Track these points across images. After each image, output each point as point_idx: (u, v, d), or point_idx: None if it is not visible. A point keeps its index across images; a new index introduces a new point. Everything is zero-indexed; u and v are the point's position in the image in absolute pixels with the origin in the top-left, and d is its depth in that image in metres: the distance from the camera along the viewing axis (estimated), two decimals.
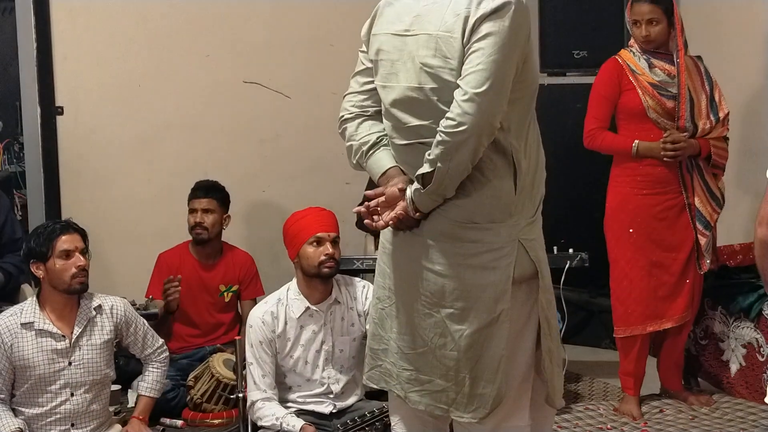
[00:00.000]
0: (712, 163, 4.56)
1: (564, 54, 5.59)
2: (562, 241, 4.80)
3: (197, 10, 5.55)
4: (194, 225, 4.95)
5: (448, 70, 2.74)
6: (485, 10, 2.68)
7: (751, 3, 5.28)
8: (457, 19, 2.72)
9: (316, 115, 5.55)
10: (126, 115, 5.49)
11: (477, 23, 2.69)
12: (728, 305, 4.80)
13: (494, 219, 2.82)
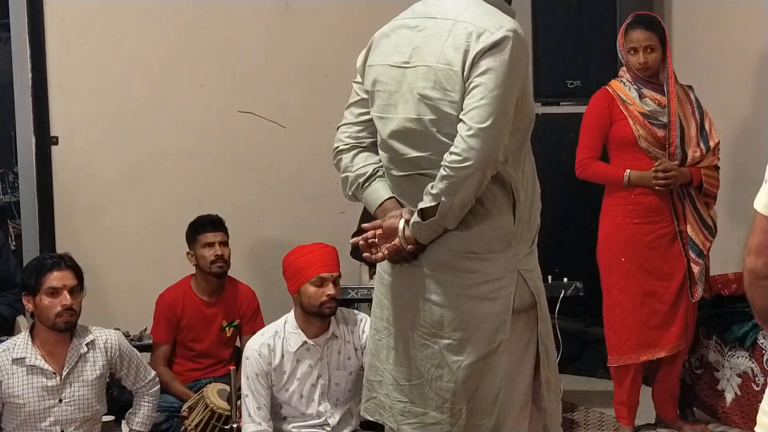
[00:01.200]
0: (703, 192, 4.58)
1: (558, 84, 5.62)
2: (557, 270, 4.80)
3: (192, 41, 5.58)
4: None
5: (448, 102, 2.75)
6: (485, 44, 2.70)
7: (741, 33, 5.31)
8: (457, 53, 2.73)
9: (311, 145, 5.56)
10: (121, 145, 5.50)
11: (477, 57, 2.70)
12: (723, 334, 4.80)
13: (493, 249, 2.82)
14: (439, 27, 2.80)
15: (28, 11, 5.28)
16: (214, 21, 5.61)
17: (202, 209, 5.16)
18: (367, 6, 5.57)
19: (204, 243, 4.89)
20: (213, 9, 5.60)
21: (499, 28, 2.72)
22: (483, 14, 2.77)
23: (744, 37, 5.28)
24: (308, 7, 5.76)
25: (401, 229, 2.82)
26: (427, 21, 2.84)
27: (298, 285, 4.07)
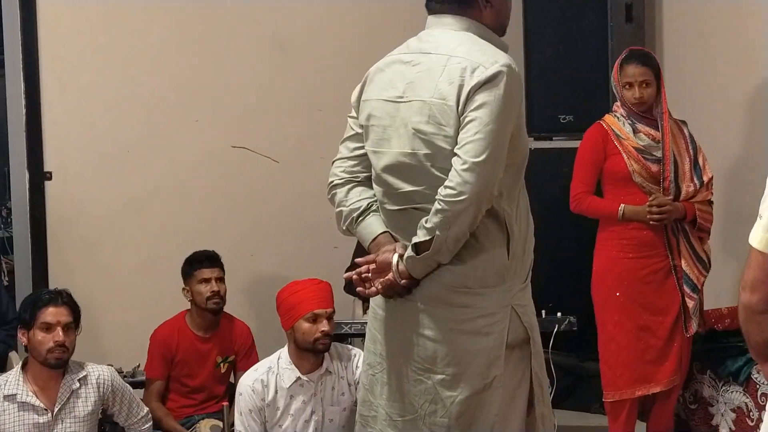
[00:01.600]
0: (697, 227, 4.59)
1: (550, 118, 5.64)
2: (550, 304, 4.80)
3: (185, 76, 5.59)
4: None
5: (442, 137, 2.77)
6: (479, 79, 2.72)
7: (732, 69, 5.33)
8: (452, 87, 2.75)
9: (305, 180, 5.57)
10: (114, 180, 5.49)
11: (472, 92, 2.72)
12: (717, 369, 4.79)
13: (487, 284, 2.82)
14: (434, 62, 2.82)
15: (22, 47, 5.29)
16: (208, 57, 5.62)
17: (196, 245, 5.15)
18: (360, 42, 5.60)
19: (200, 279, 4.88)
20: (206, 45, 5.61)
21: (493, 63, 2.74)
22: (477, 49, 2.79)
23: (736, 73, 5.31)
24: (301, 43, 5.78)
25: (395, 264, 2.82)
26: (422, 56, 2.86)
27: (291, 321, 4.06)
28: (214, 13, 5.62)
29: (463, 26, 2.86)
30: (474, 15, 2.88)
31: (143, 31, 5.50)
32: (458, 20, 2.87)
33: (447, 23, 2.88)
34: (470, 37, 2.84)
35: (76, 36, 5.43)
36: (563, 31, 5.59)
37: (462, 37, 2.84)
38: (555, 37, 5.61)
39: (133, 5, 5.48)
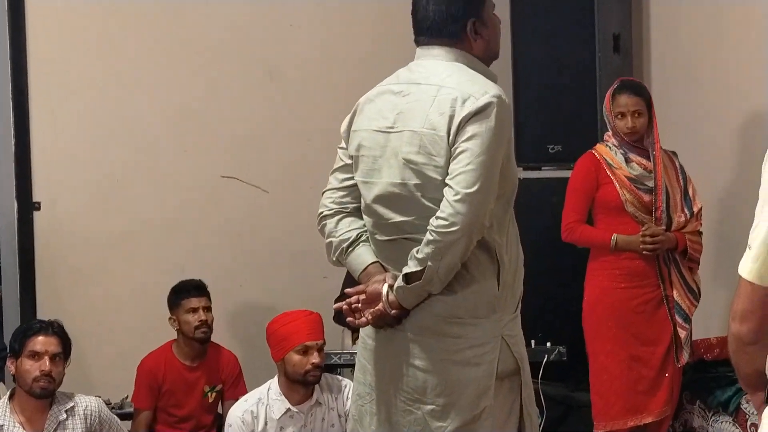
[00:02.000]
0: (688, 257, 4.60)
1: (539, 148, 5.64)
2: (540, 334, 4.79)
3: (175, 105, 5.59)
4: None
5: (433, 167, 2.77)
6: (470, 110, 2.73)
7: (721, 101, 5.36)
8: (442, 118, 2.76)
9: (294, 210, 5.56)
10: (103, 210, 5.48)
11: (463, 123, 2.73)
12: (706, 399, 4.79)
13: (478, 314, 2.82)
14: (424, 92, 2.82)
15: (11, 75, 5.29)
16: (197, 86, 5.63)
17: (185, 274, 5.15)
18: (351, 72, 5.61)
19: (188, 308, 4.87)
20: (196, 74, 5.62)
21: (483, 93, 2.75)
22: (467, 80, 2.80)
23: (724, 104, 5.34)
24: (291, 72, 5.79)
25: (385, 294, 2.82)
26: (412, 86, 2.87)
27: (282, 353, 4.05)
28: (204, 42, 5.63)
29: (452, 57, 2.87)
30: (463, 47, 2.89)
31: (133, 61, 5.51)
32: (447, 51, 2.88)
33: (436, 54, 2.89)
34: (460, 67, 2.85)
35: (65, 65, 5.44)
36: (552, 61, 5.61)
37: (452, 67, 2.85)
38: (543, 67, 5.63)
39: (123, 34, 5.50)
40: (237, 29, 5.70)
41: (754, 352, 2.06)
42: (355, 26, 5.88)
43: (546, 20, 5.61)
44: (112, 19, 5.49)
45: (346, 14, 5.86)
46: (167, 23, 5.58)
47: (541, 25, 5.62)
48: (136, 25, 5.52)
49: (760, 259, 1.98)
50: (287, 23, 5.79)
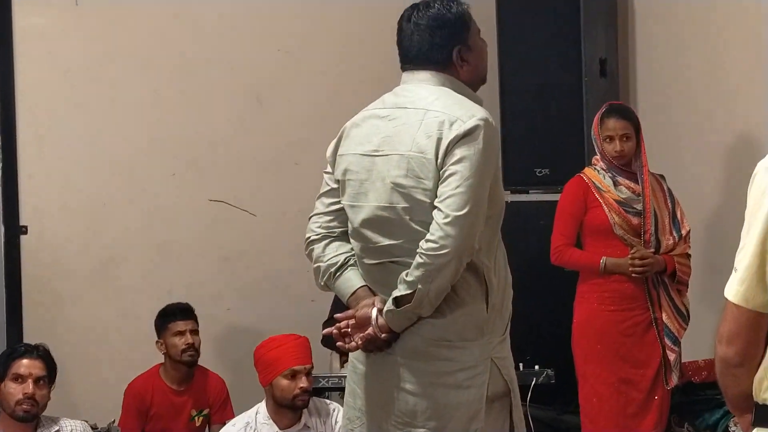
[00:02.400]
0: (677, 280, 4.61)
1: (527, 172, 5.66)
2: (528, 357, 4.79)
3: (162, 130, 5.59)
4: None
5: (421, 190, 2.78)
6: (458, 133, 2.73)
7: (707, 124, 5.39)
8: (430, 141, 2.76)
9: (282, 233, 5.56)
10: (90, 234, 5.47)
11: (451, 146, 2.74)
12: (695, 422, 4.79)
13: (467, 337, 2.82)
14: (411, 116, 2.83)
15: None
16: (185, 110, 5.63)
17: (172, 298, 5.14)
18: (336, 95, 5.63)
19: (174, 331, 4.86)
20: (183, 98, 5.63)
21: (471, 116, 2.76)
22: (454, 103, 2.81)
23: (710, 127, 5.36)
24: (279, 96, 5.80)
25: (374, 318, 2.81)
26: (398, 111, 2.87)
27: (270, 378, 4.04)
28: (192, 66, 5.64)
29: (438, 81, 2.88)
30: (450, 72, 2.90)
31: (120, 85, 5.52)
32: (433, 75, 2.89)
33: (422, 78, 2.90)
34: (446, 91, 2.86)
35: (53, 90, 5.44)
36: (538, 85, 5.63)
37: (438, 91, 2.86)
38: (530, 92, 5.66)
39: (111, 60, 5.50)
40: (225, 54, 5.71)
41: (741, 374, 2.06)
42: (342, 50, 5.90)
43: (533, 45, 5.64)
44: (99, 45, 5.50)
45: (334, 39, 5.89)
46: (155, 48, 5.59)
47: (528, 49, 5.65)
48: (124, 50, 5.53)
49: (746, 281, 1.99)
50: (275, 48, 5.80)
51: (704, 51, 5.42)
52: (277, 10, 5.80)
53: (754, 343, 2.03)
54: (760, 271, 1.97)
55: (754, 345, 2.03)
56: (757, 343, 2.03)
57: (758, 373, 2.04)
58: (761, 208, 1.97)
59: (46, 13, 5.44)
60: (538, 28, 5.63)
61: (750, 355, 2.04)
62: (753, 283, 1.98)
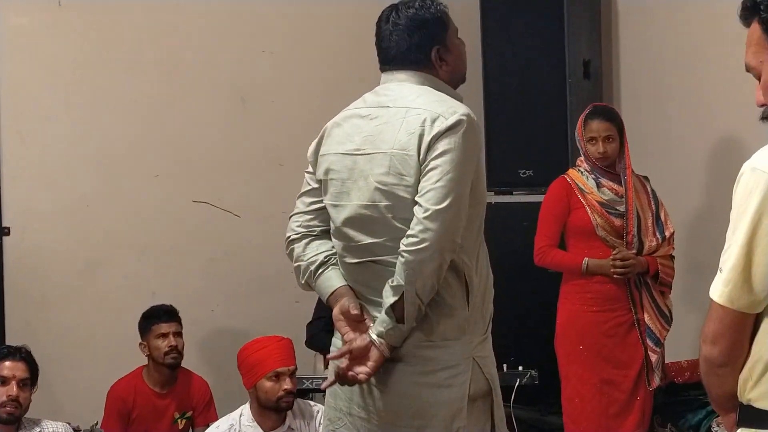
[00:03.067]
0: (659, 281, 4.62)
1: (510, 173, 5.67)
2: (512, 358, 4.80)
3: (146, 130, 5.58)
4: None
5: (404, 187, 2.78)
6: (440, 128, 2.74)
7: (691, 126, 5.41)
8: (412, 138, 2.77)
9: (266, 234, 5.55)
10: (74, 235, 5.45)
11: (433, 141, 2.74)
12: (677, 422, 4.81)
13: (448, 337, 2.82)
14: (392, 115, 2.83)
15: None
16: (168, 110, 5.62)
17: (156, 300, 5.13)
18: (321, 96, 5.62)
19: (158, 333, 4.84)
20: (167, 98, 5.61)
21: (453, 113, 2.76)
22: (435, 100, 2.82)
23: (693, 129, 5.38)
24: (263, 98, 5.80)
25: (378, 344, 2.78)
26: (379, 110, 2.88)
27: (254, 380, 4.04)
28: (176, 67, 5.63)
29: (418, 80, 2.89)
30: (430, 72, 2.91)
31: (104, 86, 5.50)
32: (413, 75, 2.90)
33: (402, 78, 2.90)
34: (427, 89, 2.87)
35: (36, 90, 5.42)
36: (522, 87, 5.65)
37: (419, 90, 2.86)
38: (514, 93, 5.67)
39: (94, 59, 5.48)
40: (209, 54, 5.70)
41: (725, 374, 2.07)
42: (327, 51, 5.90)
43: (517, 46, 5.65)
44: (83, 45, 5.48)
45: (318, 40, 5.89)
46: (139, 49, 5.57)
47: (512, 50, 5.66)
48: (108, 50, 5.51)
49: (732, 282, 2.00)
50: (259, 49, 5.80)
51: (686, 53, 5.44)
52: (262, 11, 5.80)
53: (738, 343, 2.04)
54: (746, 272, 1.98)
55: (739, 345, 2.04)
56: (741, 343, 2.04)
57: (743, 373, 2.05)
58: (747, 208, 1.97)
59: (29, 14, 5.41)
60: (522, 29, 5.65)
61: (734, 356, 2.05)
62: (738, 284, 1.99)
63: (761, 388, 2.02)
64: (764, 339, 2.02)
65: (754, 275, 1.97)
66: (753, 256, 1.97)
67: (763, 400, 2.02)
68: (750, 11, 2.11)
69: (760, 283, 1.97)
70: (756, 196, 1.96)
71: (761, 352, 2.02)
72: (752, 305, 2.00)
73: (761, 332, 2.02)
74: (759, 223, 1.95)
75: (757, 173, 1.97)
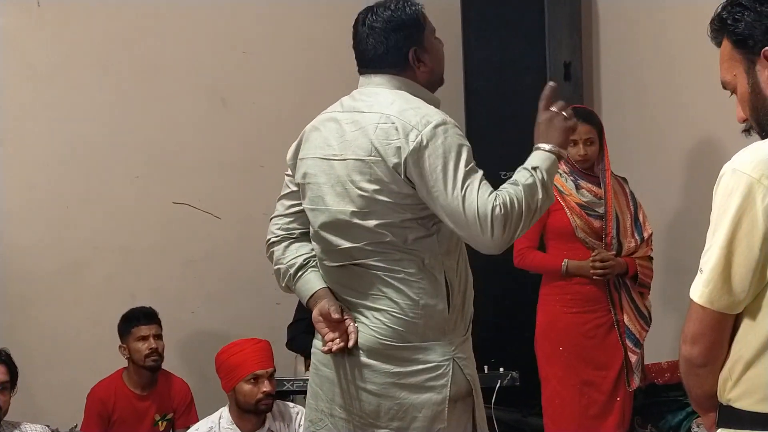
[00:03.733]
0: (638, 282, 4.64)
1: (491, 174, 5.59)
2: (493, 360, 4.80)
3: (126, 132, 5.56)
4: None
5: (379, 193, 2.78)
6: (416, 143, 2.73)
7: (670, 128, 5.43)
8: (386, 146, 2.76)
9: (247, 236, 5.54)
10: (54, 237, 5.43)
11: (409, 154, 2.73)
12: (658, 423, 4.82)
13: (428, 338, 2.83)
14: (367, 120, 2.83)
15: None
16: (148, 112, 5.60)
17: (136, 302, 5.11)
18: (301, 98, 5.61)
19: (138, 336, 4.83)
20: (148, 100, 5.60)
21: (426, 124, 2.76)
22: (409, 108, 2.81)
23: (673, 131, 5.40)
24: (244, 99, 5.79)
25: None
26: (355, 114, 2.88)
27: (232, 383, 4.03)
28: (155, 67, 5.61)
29: (395, 85, 2.89)
30: (407, 75, 2.91)
31: (84, 87, 5.48)
32: (389, 79, 2.90)
33: (379, 82, 2.91)
34: (402, 95, 2.87)
35: (14, 91, 5.39)
36: (503, 88, 5.66)
37: (394, 95, 2.86)
38: (495, 95, 5.68)
39: (73, 61, 5.46)
40: (189, 55, 5.69)
41: (705, 374, 2.08)
42: (307, 52, 5.89)
43: (497, 48, 5.66)
44: (62, 46, 5.46)
45: (299, 41, 5.88)
46: (119, 49, 5.55)
47: (493, 52, 5.67)
48: (88, 51, 5.49)
49: (712, 283, 2.00)
50: (240, 50, 5.79)
51: (666, 55, 5.46)
52: (241, 12, 5.79)
53: (718, 343, 2.05)
54: (726, 273, 1.99)
55: (718, 346, 2.05)
56: (721, 343, 2.05)
57: (723, 373, 2.06)
58: (728, 209, 1.98)
59: (7, 14, 5.39)
60: (503, 31, 5.66)
61: (714, 356, 2.06)
62: (718, 284, 2.00)
63: (741, 388, 2.03)
64: (744, 339, 2.03)
65: (734, 276, 1.98)
66: (733, 257, 1.97)
67: (742, 400, 2.03)
68: (718, 30, 2.14)
69: (740, 284, 1.98)
70: (736, 197, 1.96)
71: (741, 352, 2.03)
72: (732, 306, 2.01)
73: (741, 332, 2.03)
74: (739, 225, 1.96)
75: (738, 174, 1.97)
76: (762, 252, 1.95)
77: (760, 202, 1.94)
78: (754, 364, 2.01)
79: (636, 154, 5.51)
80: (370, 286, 2.85)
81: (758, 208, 1.94)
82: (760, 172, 1.95)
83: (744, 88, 2.11)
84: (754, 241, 1.95)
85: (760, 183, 1.94)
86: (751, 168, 1.96)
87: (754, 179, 1.95)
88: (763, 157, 1.97)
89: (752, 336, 2.02)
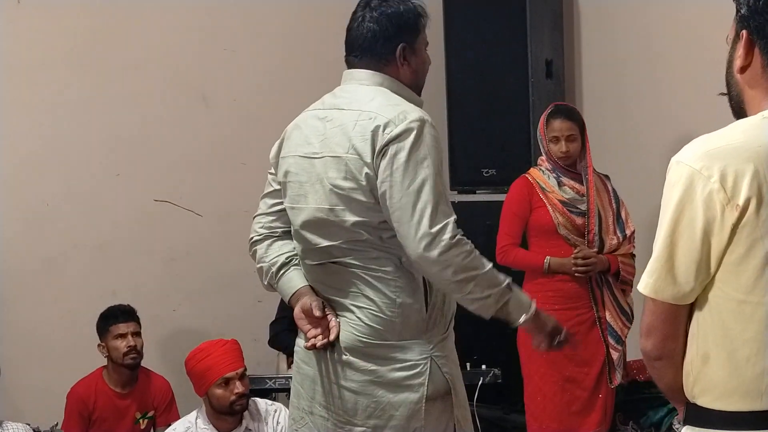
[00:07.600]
0: (620, 279, 4.65)
1: (473, 172, 5.68)
2: (475, 357, 4.80)
3: (107, 129, 5.53)
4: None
5: (358, 191, 2.78)
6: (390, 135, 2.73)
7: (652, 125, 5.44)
8: (364, 143, 2.76)
9: (228, 234, 5.53)
10: (34, 234, 5.39)
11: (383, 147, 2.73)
12: (639, 420, 4.84)
13: (405, 337, 2.83)
14: (346, 118, 2.83)
15: None
16: (130, 109, 5.58)
17: (116, 299, 5.08)
18: (283, 95, 5.60)
19: (116, 334, 4.81)
20: (128, 97, 5.57)
21: (403, 119, 2.75)
22: (388, 104, 2.80)
23: (654, 128, 5.42)
24: (225, 97, 5.78)
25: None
26: (335, 112, 2.87)
27: (204, 388, 4.03)
28: (136, 64, 5.58)
29: (376, 81, 2.89)
30: (389, 71, 2.90)
31: (63, 84, 5.44)
32: (371, 75, 2.89)
33: (360, 78, 2.90)
34: (383, 91, 2.86)
35: None
36: (485, 86, 5.66)
37: (374, 92, 2.86)
38: (477, 93, 5.68)
39: (53, 58, 5.42)
40: (170, 53, 5.67)
41: (661, 367, 2.07)
42: (289, 50, 5.88)
43: (479, 45, 5.66)
44: (42, 44, 5.42)
45: (280, 39, 5.87)
46: (99, 47, 5.52)
47: (475, 50, 5.67)
48: (67, 49, 5.46)
49: (656, 273, 2.00)
50: (221, 48, 5.77)
51: (647, 53, 5.47)
52: (222, 9, 5.77)
53: (671, 336, 2.03)
54: (668, 264, 1.98)
55: (672, 338, 2.03)
56: (674, 336, 2.03)
57: (684, 369, 2.04)
58: (670, 201, 1.99)
59: None
60: (484, 29, 5.66)
61: (668, 348, 2.04)
62: (662, 275, 1.99)
63: (701, 385, 2.01)
64: (699, 334, 2.01)
65: (677, 267, 1.97)
66: (675, 248, 1.97)
67: (704, 397, 2.01)
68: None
69: (683, 274, 1.97)
70: (678, 188, 1.97)
71: (699, 346, 2.01)
72: (678, 297, 1.99)
73: (697, 326, 2.01)
74: (681, 215, 1.96)
75: (681, 166, 1.98)
76: (703, 242, 1.95)
77: (700, 193, 1.94)
78: (710, 359, 1.99)
79: (617, 151, 5.52)
80: (348, 285, 2.85)
81: (698, 198, 1.94)
82: (701, 163, 1.94)
83: (728, 56, 2.09)
84: (695, 231, 1.95)
85: (700, 174, 1.94)
86: (693, 159, 1.96)
87: (695, 170, 1.95)
88: (707, 149, 1.97)
89: (706, 330, 2.00)
